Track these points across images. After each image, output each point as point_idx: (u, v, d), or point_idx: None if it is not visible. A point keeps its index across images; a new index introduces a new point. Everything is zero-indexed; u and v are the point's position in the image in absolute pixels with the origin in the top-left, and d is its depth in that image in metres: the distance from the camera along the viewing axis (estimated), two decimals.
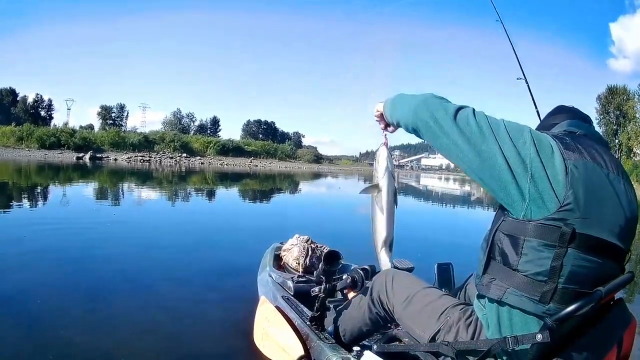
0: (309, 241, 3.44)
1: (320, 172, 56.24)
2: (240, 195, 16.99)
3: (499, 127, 1.30)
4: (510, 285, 1.28)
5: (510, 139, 1.27)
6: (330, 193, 21.73)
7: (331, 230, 8.10)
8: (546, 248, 1.22)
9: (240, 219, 9.82)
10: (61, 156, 46.37)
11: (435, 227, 10.77)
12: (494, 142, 1.27)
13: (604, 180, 1.26)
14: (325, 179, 35.14)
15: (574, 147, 1.27)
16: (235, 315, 3.15)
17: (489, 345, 1.32)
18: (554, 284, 1.22)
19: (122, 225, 6.98)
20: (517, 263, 1.28)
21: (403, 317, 1.72)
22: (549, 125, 1.56)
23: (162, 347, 2.59)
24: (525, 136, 1.27)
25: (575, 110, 1.57)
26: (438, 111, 1.39)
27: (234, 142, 74.22)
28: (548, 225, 1.21)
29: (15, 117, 68.17)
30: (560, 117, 1.56)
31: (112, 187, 15.91)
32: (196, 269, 4.43)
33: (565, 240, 1.19)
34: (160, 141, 63.78)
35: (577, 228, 1.19)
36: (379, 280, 1.89)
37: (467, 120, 1.33)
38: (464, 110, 1.37)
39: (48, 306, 3.06)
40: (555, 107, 1.64)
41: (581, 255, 1.21)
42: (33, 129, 53.48)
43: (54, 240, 5.37)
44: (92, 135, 60.02)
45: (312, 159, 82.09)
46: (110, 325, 2.81)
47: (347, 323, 2.01)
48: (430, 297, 1.67)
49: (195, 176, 26.39)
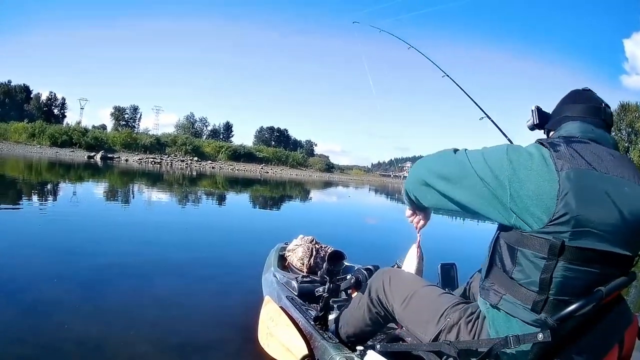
0: (313, 242, 3.43)
1: (331, 180, 56.22)
2: (248, 199, 17.06)
3: (477, 160, 1.37)
4: (507, 292, 1.32)
5: (489, 167, 1.32)
6: (340, 202, 21.71)
7: (335, 232, 8.12)
8: (537, 259, 1.25)
9: (246, 220, 9.87)
10: (72, 154, 46.74)
11: (438, 227, 10.72)
12: (474, 175, 1.35)
13: (602, 187, 1.23)
14: (336, 188, 35.03)
15: (568, 155, 1.26)
16: (240, 314, 3.17)
17: (490, 344, 1.32)
18: (545, 294, 1.25)
19: (129, 225, 7.04)
20: (512, 271, 1.32)
21: (403, 318, 1.73)
22: (560, 118, 1.57)
23: (166, 345, 2.59)
24: (502, 162, 1.30)
25: (588, 102, 1.54)
26: (422, 173, 1.56)
27: (246, 148, 74.62)
28: (538, 237, 1.23)
29: (28, 113, 68.74)
30: (572, 108, 1.55)
31: (122, 187, 16.02)
32: (201, 269, 4.43)
33: (555, 253, 1.21)
34: (172, 144, 64.21)
35: (567, 241, 1.20)
36: (376, 279, 1.90)
37: (447, 165, 1.46)
38: (444, 157, 1.50)
39: (53, 301, 3.08)
40: (569, 94, 1.63)
41: (573, 267, 1.22)
42: (45, 126, 54.08)
43: (63, 235, 5.43)
44: (104, 135, 60.63)
45: (323, 167, 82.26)
46: (115, 323, 2.83)
47: (349, 323, 2.01)
48: (429, 297, 1.67)
49: (206, 180, 26.50)
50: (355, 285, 2.15)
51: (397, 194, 35.56)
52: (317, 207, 16.95)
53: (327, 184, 41.26)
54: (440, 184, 1.48)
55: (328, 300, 2.26)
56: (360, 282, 2.13)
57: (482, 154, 1.38)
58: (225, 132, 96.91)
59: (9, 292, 3.19)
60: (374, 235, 8.76)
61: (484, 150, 1.40)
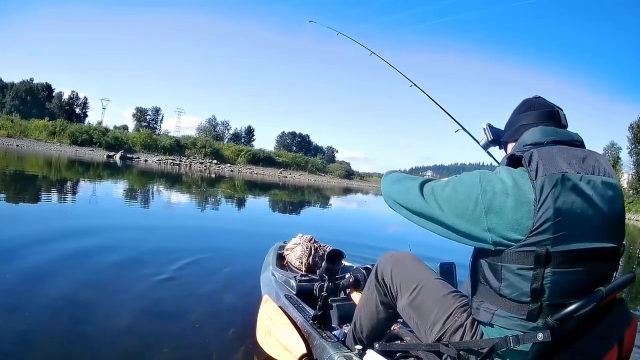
0: (312, 240, 3.43)
1: (350, 187, 56.14)
2: (259, 201, 17.15)
3: (448, 198, 1.39)
4: (498, 307, 1.33)
5: (462, 203, 1.34)
6: (354, 207, 21.67)
7: (335, 232, 8.09)
8: (524, 271, 1.25)
9: (248, 221, 9.90)
10: (92, 153, 47.42)
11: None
12: (449, 214, 1.37)
13: (576, 187, 1.25)
14: (355, 195, 34.83)
15: (539, 163, 1.27)
16: (238, 313, 3.14)
17: (490, 344, 1.32)
18: (538, 302, 1.25)
19: (130, 223, 6.99)
20: (500, 288, 1.32)
21: (408, 312, 1.68)
22: (517, 128, 1.57)
23: (163, 343, 2.57)
24: (476, 195, 1.31)
25: (542, 108, 1.55)
26: (391, 202, 1.63)
27: (265, 152, 74.92)
28: (521, 251, 1.24)
29: (49, 112, 70.22)
30: (527, 116, 1.55)
31: (136, 185, 16.26)
32: (199, 267, 4.41)
33: (541, 261, 1.22)
34: (192, 146, 64.75)
35: (550, 248, 1.21)
36: (383, 261, 1.85)
37: (415, 203, 1.48)
38: (410, 193, 1.52)
39: (47, 298, 3.04)
40: (522, 103, 1.62)
41: (561, 271, 1.23)
42: (66, 124, 54.97)
43: (75, 230, 5.45)
44: (124, 135, 61.50)
45: (343, 174, 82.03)
46: (109, 318, 2.81)
47: (363, 317, 1.93)
48: (438, 294, 1.63)
49: (222, 182, 26.69)
50: (354, 284, 2.15)
51: None
52: (333, 211, 16.92)
53: (345, 190, 41.19)
54: (413, 217, 1.53)
55: (327, 299, 2.25)
56: (359, 280, 2.13)
57: (453, 189, 1.39)
58: (247, 136, 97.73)
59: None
60: (375, 236, 8.67)
61: (454, 184, 1.41)
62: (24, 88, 76.73)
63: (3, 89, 77.18)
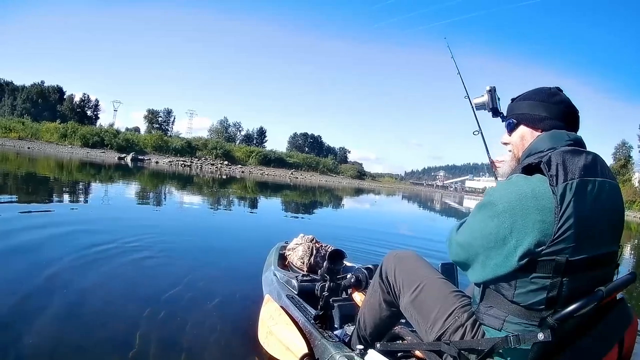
0: (313, 240, 3.43)
1: (361, 187, 56.07)
2: (268, 201, 17.12)
3: (474, 236, 1.36)
4: (509, 314, 1.31)
5: (488, 235, 1.31)
6: (363, 207, 21.60)
7: (336, 232, 8.08)
8: (540, 280, 1.23)
9: (250, 221, 9.90)
10: (103, 155, 47.89)
11: (437, 226, 10.57)
12: (482, 248, 1.33)
13: (592, 193, 1.25)
14: (367, 195, 34.59)
15: (560, 169, 1.25)
16: (240, 313, 3.13)
17: (491, 344, 1.33)
18: (552, 309, 1.23)
19: (130, 223, 6.92)
20: (512, 295, 1.29)
21: (410, 309, 1.68)
22: (540, 118, 1.49)
23: (165, 343, 2.56)
24: (498, 220, 1.28)
25: (568, 109, 1.50)
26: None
27: (276, 153, 75.38)
28: (541, 260, 1.21)
29: (60, 114, 71.11)
30: (553, 109, 1.49)
31: (145, 186, 16.35)
32: (201, 267, 4.39)
33: (560, 270, 1.20)
34: (203, 147, 65.12)
35: (570, 256, 1.19)
36: (387, 260, 1.85)
37: (456, 250, 1.45)
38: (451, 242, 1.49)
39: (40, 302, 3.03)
40: (550, 93, 1.53)
41: (578, 277, 1.22)
42: (77, 127, 55.60)
43: (81, 231, 5.47)
44: (136, 137, 62.17)
45: (354, 174, 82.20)
46: (109, 318, 2.81)
47: (367, 315, 1.92)
48: (440, 292, 1.62)
49: (233, 183, 26.74)
50: (356, 284, 2.15)
51: (429, 202, 35.51)
52: (343, 212, 16.84)
53: (356, 191, 41.07)
54: (464, 268, 1.47)
55: (328, 299, 2.26)
56: (360, 281, 2.14)
57: (478, 225, 1.37)
58: (259, 137, 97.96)
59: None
60: (376, 236, 8.62)
61: (475, 219, 1.39)
62: (35, 91, 77.65)
63: (14, 92, 78.27)
